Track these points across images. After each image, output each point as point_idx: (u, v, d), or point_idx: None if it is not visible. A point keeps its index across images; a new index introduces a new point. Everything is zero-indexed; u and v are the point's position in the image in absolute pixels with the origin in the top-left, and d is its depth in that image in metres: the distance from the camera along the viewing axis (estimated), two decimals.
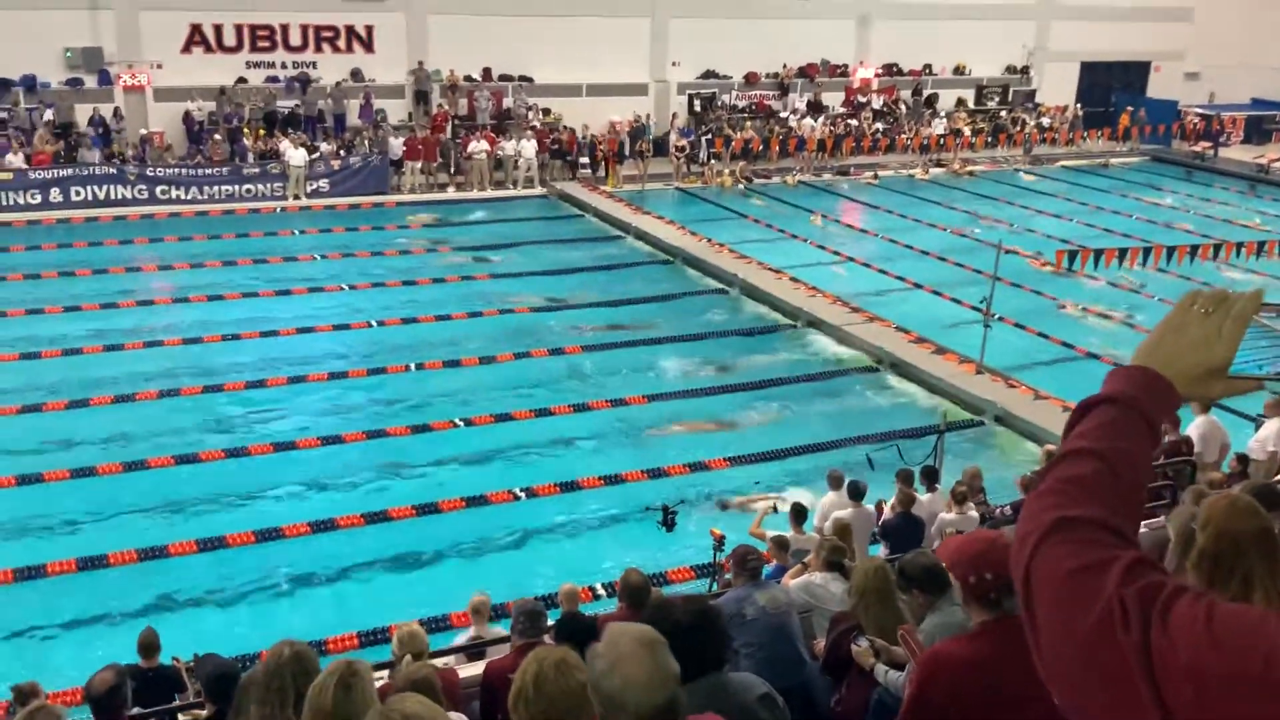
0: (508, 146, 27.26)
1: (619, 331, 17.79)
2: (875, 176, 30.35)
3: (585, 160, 28.17)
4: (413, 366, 15.95)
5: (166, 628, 7.93)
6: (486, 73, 29.12)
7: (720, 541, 9.05)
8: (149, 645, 7.11)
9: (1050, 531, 1.29)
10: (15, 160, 22.93)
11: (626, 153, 28.66)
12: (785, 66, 33.09)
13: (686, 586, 10.09)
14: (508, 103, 29.22)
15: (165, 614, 9.73)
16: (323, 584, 10.63)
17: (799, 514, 9.46)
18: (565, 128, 28.64)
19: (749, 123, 31.26)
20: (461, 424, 14.16)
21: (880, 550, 9.37)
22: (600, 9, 29.80)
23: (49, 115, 24.44)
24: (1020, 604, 1.29)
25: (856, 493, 9.72)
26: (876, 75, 34.48)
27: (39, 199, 22.81)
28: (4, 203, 22.53)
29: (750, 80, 32.65)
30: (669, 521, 9.69)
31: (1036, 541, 1.29)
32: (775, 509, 10.17)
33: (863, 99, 33.83)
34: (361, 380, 15.44)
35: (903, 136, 32.60)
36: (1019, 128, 34.59)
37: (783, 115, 32.50)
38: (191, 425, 13.72)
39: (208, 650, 6.95)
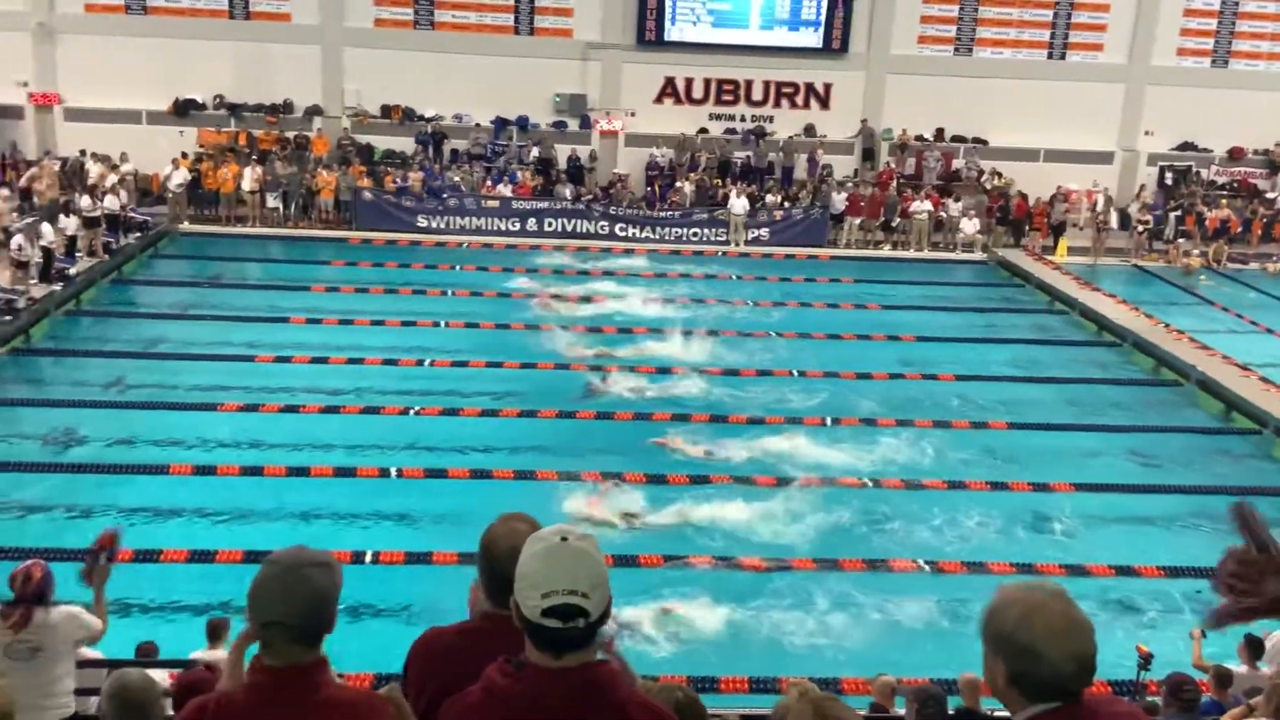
0: (952, 208, 26.71)
1: (1047, 411, 16.72)
2: None
3: (1033, 228, 26.92)
4: (828, 421, 15.96)
5: None
6: (939, 133, 28.75)
7: (1146, 660, 8.15)
8: None
9: None
10: (504, 190, 25.91)
11: (1080, 223, 27.06)
12: (1278, 144, 29.66)
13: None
14: (957, 164, 28.65)
15: None
16: (725, 621, 10.83)
17: (1254, 647, 8.29)
18: (1016, 193, 27.55)
19: (1227, 201, 28.35)
20: (870, 484, 13.98)
21: None
22: (1070, 74, 28.46)
23: (535, 153, 27.35)
24: None
25: None
26: None
27: (518, 226, 25.56)
28: (489, 228, 25.48)
29: (1235, 155, 29.60)
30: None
31: None
32: (1204, 634, 8.99)
33: None
34: (777, 426, 15.67)
35: None
36: None
37: (1269, 196, 29.13)
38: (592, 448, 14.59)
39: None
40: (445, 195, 25.48)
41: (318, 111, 27.09)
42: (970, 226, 26.43)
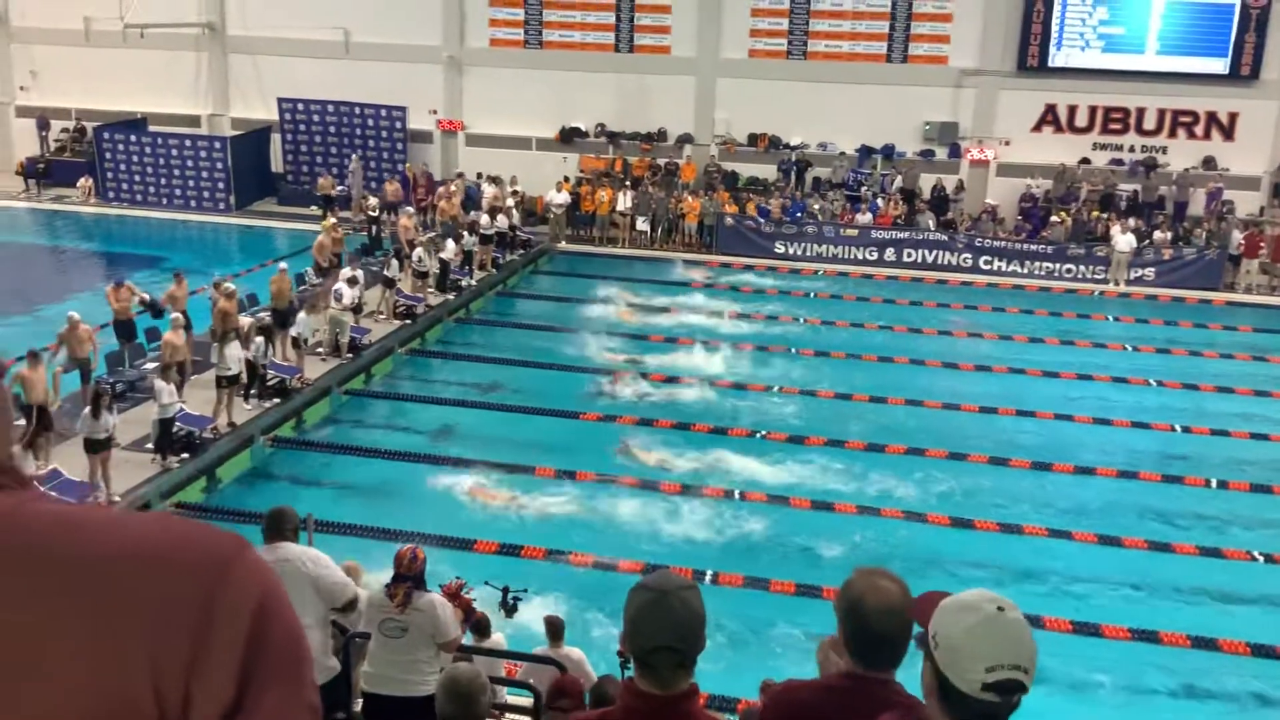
0: None
1: None
2: None
3: None
4: (1213, 483, 14.41)
5: None
6: None
7: None
8: None
9: None
10: (863, 219, 25.59)
11: None
12: None
13: None
14: None
15: None
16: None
17: None
18: None
19: None
20: (1260, 559, 12.46)
21: None
22: None
23: (899, 181, 26.82)
24: None
25: None
26: None
27: (875, 256, 25.14)
28: (846, 256, 25.25)
29: None
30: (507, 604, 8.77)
31: None
32: None
33: None
34: (1153, 485, 14.36)
35: None
36: None
37: None
38: (941, 493, 13.99)
39: None
40: (804, 222, 25.57)
41: (688, 139, 28.09)
42: None
